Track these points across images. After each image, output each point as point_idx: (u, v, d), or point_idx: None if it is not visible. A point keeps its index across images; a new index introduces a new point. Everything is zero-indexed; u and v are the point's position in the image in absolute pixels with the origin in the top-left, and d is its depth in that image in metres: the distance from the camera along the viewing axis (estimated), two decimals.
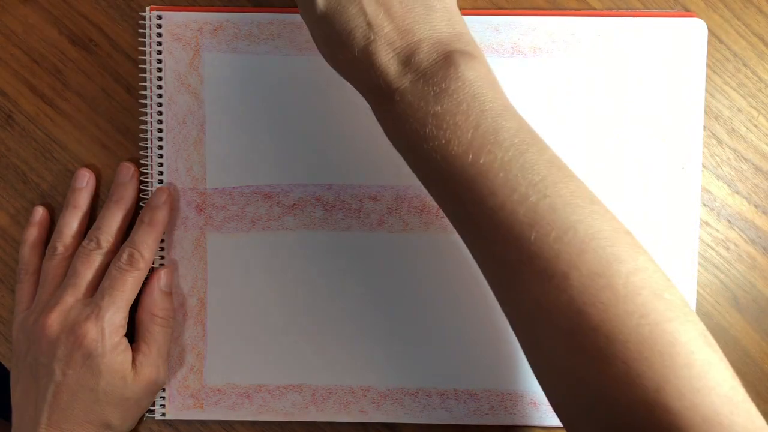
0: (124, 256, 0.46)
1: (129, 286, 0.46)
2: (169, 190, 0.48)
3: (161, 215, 0.48)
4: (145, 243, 0.47)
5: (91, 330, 0.44)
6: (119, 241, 0.48)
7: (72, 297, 0.46)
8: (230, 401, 0.50)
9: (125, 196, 0.48)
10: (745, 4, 0.49)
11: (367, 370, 0.49)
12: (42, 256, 0.49)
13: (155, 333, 0.47)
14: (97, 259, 0.47)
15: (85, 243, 0.47)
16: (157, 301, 0.48)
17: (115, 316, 0.45)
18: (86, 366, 0.44)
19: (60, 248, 0.48)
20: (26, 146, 0.50)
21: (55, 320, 0.45)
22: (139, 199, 0.49)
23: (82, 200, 0.49)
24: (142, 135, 0.49)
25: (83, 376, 0.44)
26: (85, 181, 0.49)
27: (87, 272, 0.46)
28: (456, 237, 0.49)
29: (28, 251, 0.49)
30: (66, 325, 0.45)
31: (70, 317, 0.45)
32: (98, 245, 0.47)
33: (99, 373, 0.44)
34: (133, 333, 0.48)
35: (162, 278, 0.48)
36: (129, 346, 0.46)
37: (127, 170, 0.49)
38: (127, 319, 0.46)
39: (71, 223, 0.48)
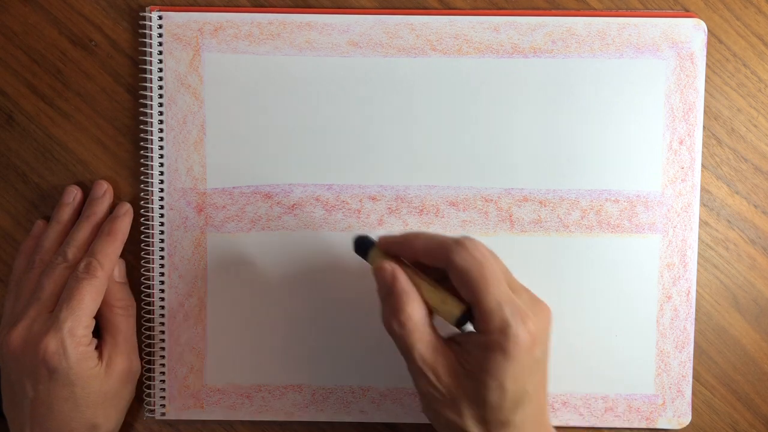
0: (82, 265, 0.46)
1: (87, 295, 0.45)
2: (128, 204, 0.49)
3: (121, 225, 0.48)
4: (104, 252, 0.46)
5: (50, 344, 0.43)
6: None
7: (35, 311, 0.45)
8: (230, 401, 0.50)
9: (97, 212, 0.48)
10: (745, 4, 0.49)
11: (367, 370, 0.49)
12: None
13: (117, 323, 0.47)
14: (62, 273, 0.46)
15: (53, 258, 0.47)
16: (113, 292, 0.47)
17: (75, 325, 0.44)
18: (54, 380, 0.44)
19: (38, 262, 0.48)
20: (26, 146, 0.50)
21: (18, 336, 0.44)
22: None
23: (64, 215, 0.49)
24: (142, 135, 0.49)
25: (54, 389, 0.44)
26: (71, 198, 0.49)
27: (52, 286, 0.46)
28: None
29: (19, 262, 0.49)
30: (29, 340, 0.44)
31: (32, 332, 0.44)
32: (65, 259, 0.46)
33: (71, 383, 0.44)
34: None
35: (116, 269, 0.48)
36: (95, 352, 0.45)
37: (101, 187, 0.49)
38: (90, 329, 0.45)
39: (51, 237, 0.48)
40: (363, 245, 0.43)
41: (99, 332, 0.47)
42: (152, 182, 0.49)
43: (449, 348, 0.40)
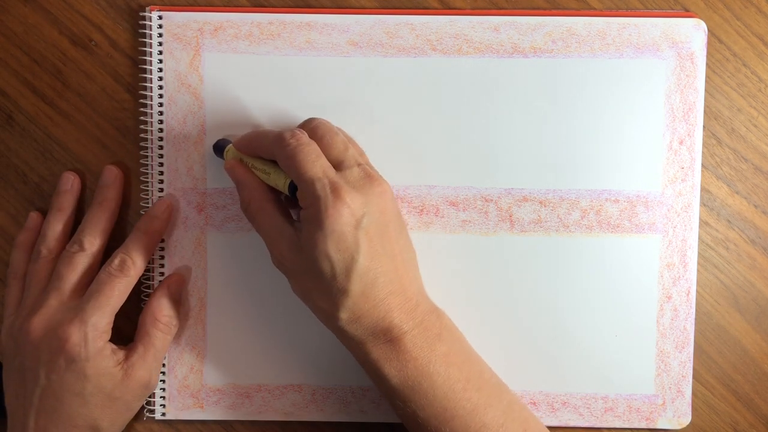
0: (116, 261, 0.46)
1: (117, 292, 0.45)
2: (169, 202, 0.49)
3: (158, 225, 0.48)
4: (138, 251, 0.46)
5: (73, 333, 0.44)
6: (103, 243, 0.48)
7: (56, 300, 0.45)
8: (230, 401, 0.50)
9: (109, 198, 0.48)
10: (745, 4, 0.49)
11: None
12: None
13: (154, 337, 0.47)
14: (80, 262, 0.46)
15: (68, 246, 0.47)
16: (162, 307, 0.47)
17: (99, 320, 0.44)
18: (70, 370, 0.44)
19: (44, 251, 0.47)
20: (26, 146, 0.50)
21: (38, 324, 0.44)
22: (126, 202, 0.49)
23: (66, 203, 0.49)
24: (142, 135, 0.49)
25: (68, 381, 0.44)
26: (69, 185, 0.49)
27: (70, 275, 0.46)
28: (453, 237, 0.49)
29: (16, 255, 0.49)
30: (49, 328, 0.44)
31: (53, 321, 0.44)
32: (81, 248, 0.46)
33: (85, 377, 0.44)
34: (131, 333, 0.48)
35: (172, 285, 0.48)
36: (114, 350, 0.45)
37: (111, 173, 0.49)
38: (111, 325, 0.45)
39: (55, 226, 0.48)
40: (220, 146, 0.47)
41: (125, 337, 0.47)
42: (152, 182, 0.49)
43: (293, 227, 0.43)
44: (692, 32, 0.48)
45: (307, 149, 0.41)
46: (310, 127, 0.43)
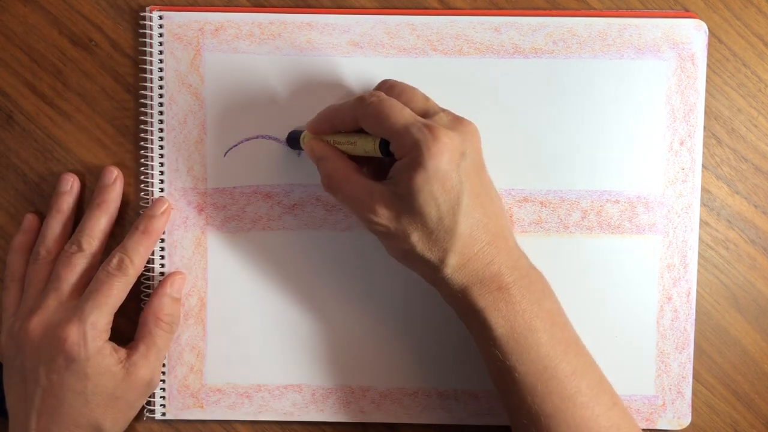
0: (114, 261, 0.46)
1: (115, 291, 0.45)
2: (168, 201, 0.48)
3: (157, 225, 0.48)
4: (137, 250, 0.46)
5: (72, 333, 0.43)
6: (102, 244, 0.48)
7: (54, 301, 0.45)
8: (230, 401, 0.50)
9: (108, 199, 0.48)
10: (745, 4, 0.49)
11: (367, 370, 0.49)
12: (28, 262, 0.49)
13: (157, 336, 0.47)
14: (79, 263, 0.46)
15: (66, 246, 0.47)
16: (164, 305, 0.47)
17: (98, 319, 0.44)
18: (70, 370, 0.44)
19: (42, 252, 0.47)
20: (26, 146, 0.50)
21: (37, 325, 0.44)
22: (126, 202, 0.49)
23: (65, 205, 0.48)
24: (142, 135, 0.49)
25: (69, 380, 0.44)
26: (69, 186, 0.49)
27: (69, 276, 0.46)
28: None
29: (14, 257, 0.49)
30: (48, 328, 0.44)
31: (52, 321, 0.44)
32: (80, 248, 0.46)
33: (85, 376, 0.44)
34: (131, 333, 0.48)
35: (174, 284, 0.48)
36: (114, 349, 0.45)
37: (111, 173, 0.48)
38: (110, 325, 0.45)
39: (54, 227, 0.48)
40: (294, 137, 0.47)
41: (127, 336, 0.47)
42: (152, 182, 0.49)
43: (384, 186, 0.41)
44: (693, 33, 0.48)
45: (390, 101, 0.41)
46: (386, 87, 0.43)
